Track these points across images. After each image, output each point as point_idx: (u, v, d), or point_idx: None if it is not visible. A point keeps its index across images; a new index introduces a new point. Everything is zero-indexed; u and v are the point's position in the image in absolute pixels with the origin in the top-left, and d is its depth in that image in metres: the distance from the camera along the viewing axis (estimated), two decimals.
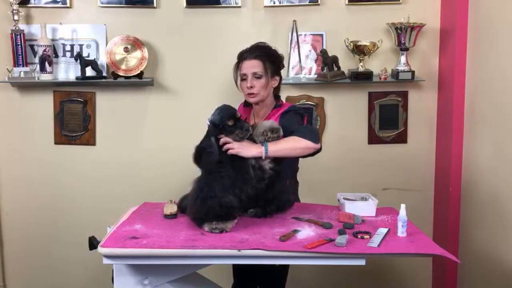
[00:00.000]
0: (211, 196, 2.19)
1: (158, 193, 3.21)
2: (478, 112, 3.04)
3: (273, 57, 2.56)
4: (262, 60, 2.49)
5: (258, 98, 2.51)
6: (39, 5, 3.23)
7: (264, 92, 2.51)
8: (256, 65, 2.49)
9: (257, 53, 2.50)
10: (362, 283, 3.49)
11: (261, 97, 2.52)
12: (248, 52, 2.53)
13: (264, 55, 2.51)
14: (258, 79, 2.48)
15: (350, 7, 3.30)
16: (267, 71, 2.49)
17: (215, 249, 2.05)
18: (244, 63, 2.50)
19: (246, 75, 2.50)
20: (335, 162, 3.41)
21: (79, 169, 3.39)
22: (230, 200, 2.20)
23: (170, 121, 3.36)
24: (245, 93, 2.52)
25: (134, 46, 3.20)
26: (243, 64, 2.51)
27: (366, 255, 2.08)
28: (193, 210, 2.25)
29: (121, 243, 2.08)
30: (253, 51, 2.52)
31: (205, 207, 2.19)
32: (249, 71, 2.49)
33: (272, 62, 2.54)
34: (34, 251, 3.44)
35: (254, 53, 2.50)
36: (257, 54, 2.50)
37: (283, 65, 2.65)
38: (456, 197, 3.22)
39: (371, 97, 3.38)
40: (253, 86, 2.48)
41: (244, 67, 2.50)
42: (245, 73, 2.50)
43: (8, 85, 3.25)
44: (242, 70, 2.51)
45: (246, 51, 2.54)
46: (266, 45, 2.59)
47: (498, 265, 2.80)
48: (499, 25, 2.80)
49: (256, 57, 2.49)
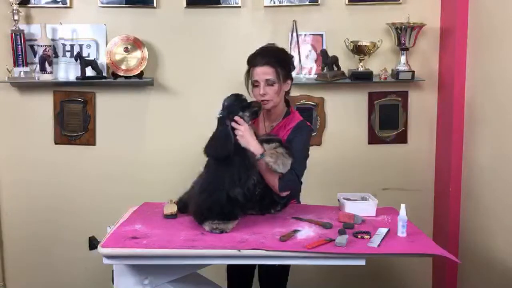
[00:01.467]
0: (220, 188, 2.19)
1: (158, 193, 3.19)
2: (478, 112, 3.04)
3: (284, 62, 2.49)
4: (273, 67, 2.43)
5: (271, 105, 2.48)
6: (39, 5, 3.23)
7: (277, 98, 2.48)
8: (268, 71, 2.43)
9: (268, 59, 2.44)
10: (362, 283, 3.49)
11: (274, 103, 2.49)
12: (259, 57, 2.46)
13: (275, 60, 2.45)
14: (270, 86, 2.44)
15: (350, 7, 3.30)
16: (279, 77, 2.44)
17: (215, 249, 2.05)
18: (256, 70, 2.44)
19: (258, 82, 2.45)
20: (335, 162, 3.41)
21: (79, 169, 3.39)
22: (237, 193, 2.21)
23: (170, 121, 3.36)
24: (258, 100, 2.45)
25: (134, 46, 3.20)
26: (255, 70, 2.45)
27: (366, 255, 2.08)
28: (197, 203, 2.24)
29: (121, 243, 2.08)
30: (264, 56, 2.45)
31: (209, 201, 2.20)
32: (261, 78, 2.43)
33: (284, 67, 2.48)
34: (34, 251, 3.44)
35: (265, 59, 2.44)
36: (268, 60, 2.43)
37: (294, 66, 2.61)
38: (456, 197, 3.22)
39: (371, 97, 3.38)
40: (266, 93, 2.44)
41: (256, 74, 2.44)
42: (257, 80, 2.45)
43: (8, 85, 3.25)
44: (254, 76, 2.45)
45: (257, 56, 2.47)
46: (276, 48, 2.54)
47: (498, 265, 2.80)
48: (499, 25, 2.80)
49: (267, 63, 2.43)
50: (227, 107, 2.31)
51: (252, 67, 2.47)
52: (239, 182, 2.22)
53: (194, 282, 2.37)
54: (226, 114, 2.29)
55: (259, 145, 2.30)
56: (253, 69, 2.45)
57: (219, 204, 2.19)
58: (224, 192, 2.20)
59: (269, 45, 2.56)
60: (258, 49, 2.51)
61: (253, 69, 2.46)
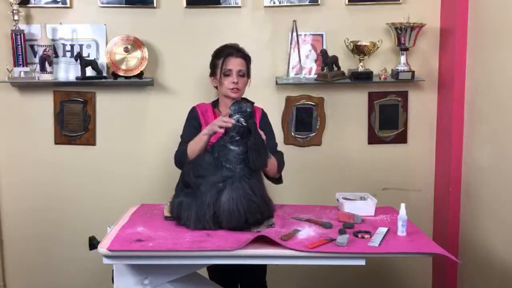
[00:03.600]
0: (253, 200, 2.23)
1: (158, 193, 3.21)
2: (478, 112, 3.04)
3: (249, 60, 2.70)
4: (245, 60, 2.66)
5: (239, 94, 2.64)
6: (39, 5, 3.23)
7: (243, 89, 2.67)
8: (241, 63, 2.63)
9: (241, 53, 2.65)
10: (362, 283, 3.49)
11: (241, 94, 2.66)
12: (234, 50, 2.64)
13: (245, 56, 2.67)
14: (241, 77, 2.63)
15: (350, 7, 3.31)
16: (248, 71, 2.68)
17: (223, 250, 2.05)
18: (231, 60, 2.61)
19: (231, 71, 2.60)
20: (335, 162, 3.41)
21: (79, 169, 3.38)
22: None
23: (170, 121, 3.35)
24: (228, 88, 2.60)
25: (134, 46, 3.20)
26: (229, 60, 2.61)
27: (367, 255, 2.08)
28: (236, 216, 2.21)
29: (126, 246, 2.06)
30: (239, 51, 2.66)
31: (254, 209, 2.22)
32: (235, 68, 2.61)
33: (249, 65, 2.70)
34: (34, 251, 3.44)
35: (240, 53, 2.65)
36: (241, 54, 2.65)
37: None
38: (456, 197, 3.22)
39: (371, 97, 3.38)
40: (238, 82, 2.60)
41: (231, 64, 2.61)
42: (231, 69, 2.60)
43: (8, 85, 3.25)
44: (228, 65, 2.60)
45: (232, 48, 2.65)
46: (242, 47, 2.72)
47: (498, 264, 2.81)
48: (499, 25, 2.80)
49: (241, 56, 2.64)
50: (250, 113, 2.28)
51: (226, 56, 2.61)
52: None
53: (194, 282, 2.36)
54: (253, 122, 2.28)
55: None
56: (228, 59, 2.61)
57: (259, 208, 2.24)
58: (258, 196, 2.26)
59: (234, 44, 2.72)
60: (225, 45, 2.70)
61: (227, 59, 2.61)
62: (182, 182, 2.38)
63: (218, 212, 2.20)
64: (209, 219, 2.21)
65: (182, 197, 2.30)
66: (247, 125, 2.24)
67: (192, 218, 2.23)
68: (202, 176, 2.26)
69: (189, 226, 2.24)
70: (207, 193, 2.22)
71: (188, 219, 2.24)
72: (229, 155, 2.23)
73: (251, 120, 2.26)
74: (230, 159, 2.23)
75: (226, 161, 2.23)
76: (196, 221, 2.22)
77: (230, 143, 2.25)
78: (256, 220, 2.22)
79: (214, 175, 2.24)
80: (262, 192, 2.28)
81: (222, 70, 2.60)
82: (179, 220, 2.29)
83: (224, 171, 2.23)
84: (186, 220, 2.25)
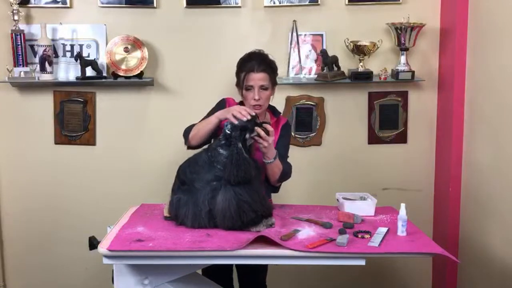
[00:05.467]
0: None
1: (158, 193, 3.19)
2: (478, 112, 3.04)
3: (275, 69, 2.60)
4: (268, 73, 2.53)
5: (262, 110, 2.56)
6: (39, 5, 3.23)
7: (267, 103, 2.58)
8: (263, 78, 2.51)
9: (264, 66, 2.53)
10: (362, 283, 3.49)
11: (264, 108, 2.58)
12: (255, 64, 2.52)
13: (269, 67, 2.55)
14: (264, 91, 2.52)
15: (350, 7, 3.31)
16: (272, 83, 2.56)
17: (223, 250, 2.05)
18: (251, 75, 2.50)
19: (253, 87, 2.51)
20: (335, 162, 3.41)
21: (79, 169, 3.38)
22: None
23: (170, 121, 3.35)
24: (250, 104, 2.52)
25: (134, 46, 3.20)
26: (250, 76, 2.50)
27: (367, 255, 2.08)
28: (236, 216, 2.24)
29: (127, 246, 2.07)
30: (261, 64, 2.52)
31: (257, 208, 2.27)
32: (256, 84, 2.50)
33: (275, 74, 2.60)
34: (34, 251, 3.44)
35: (262, 66, 2.52)
36: (264, 67, 2.52)
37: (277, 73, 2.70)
38: (456, 197, 3.22)
39: (371, 97, 3.38)
40: (260, 98, 2.51)
41: (252, 79, 2.50)
42: (252, 85, 2.51)
43: (8, 85, 3.25)
44: (249, 82, 2.51)
45: (252, 62, 2.53)
46: (266, 55, 2.60)
47: (498, 264, 2.81)
48: (499, 25, 2.80)
49: (264, 70, 2.52)
50: (241, 127, 2.29)
51: (247, 72, 2.51)
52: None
53: (194, 282, 2.37)
54: (238, 134, 2.28)
55: (274, 149, 2.44)
56: (248, 75, 2.51)
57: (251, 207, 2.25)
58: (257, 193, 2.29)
59: (258, 50, 2.62)
60: (250, 55, 2.58)
61: (248, 74, 2.51)
62: (178, 180, 2.42)
63: (213, 211, 2.26)
64: (204, 215, 2.27)
65: (180, 194, 2.35)
66: (230, 134, 2.28)
67: (189, 215, 2.28)
68: (197, 172, 2.34)
69: (187, 223, 2.28)
70: (202, 190, 2.30)
71: (186, 216, 2.29)
72: (219, 157, 2.31)
73: (235, 133, 2.27)
74: (219, 161, 2.31)
75: (217, 163, 2.31)
76: (193, 218, 2.27)
77: (220, 146, 2.32)
78: (251, 219, 2.24)
79: (208, 173, 2.32)
80: (255, 190, 2.29)
81: (244, 85, 2.53)
82: (177, 218, 2.32)
83: (217, 170, 2.31)
84: (184, 217, 2.29)
